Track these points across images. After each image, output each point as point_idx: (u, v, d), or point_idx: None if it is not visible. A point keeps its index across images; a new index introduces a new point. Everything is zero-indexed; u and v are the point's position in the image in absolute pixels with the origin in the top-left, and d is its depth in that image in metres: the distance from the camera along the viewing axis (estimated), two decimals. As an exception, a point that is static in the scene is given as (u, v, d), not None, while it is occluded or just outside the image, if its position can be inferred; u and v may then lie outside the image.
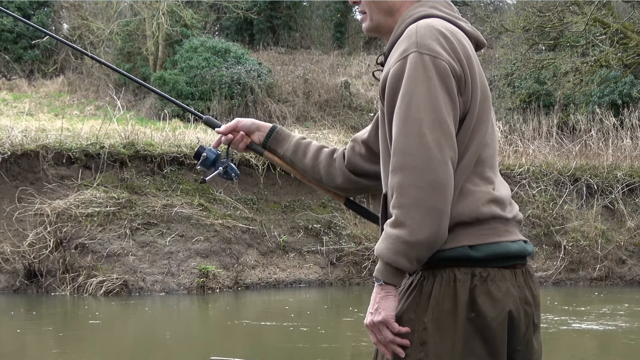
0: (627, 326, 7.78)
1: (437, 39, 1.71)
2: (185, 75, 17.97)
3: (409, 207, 1.65)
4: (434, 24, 1.75)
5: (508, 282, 1.75)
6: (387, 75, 1.76)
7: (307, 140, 2.13)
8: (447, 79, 1.69)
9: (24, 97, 18.65)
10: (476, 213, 1.73)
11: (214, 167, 2.16)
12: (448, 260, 1.72)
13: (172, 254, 9.66)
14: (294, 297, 9.80)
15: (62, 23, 23.29)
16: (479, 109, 1.77)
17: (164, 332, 7.67)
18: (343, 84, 19.52)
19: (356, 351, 6.83)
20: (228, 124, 2.14)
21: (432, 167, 1.64)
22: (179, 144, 10.63)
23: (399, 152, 1.68)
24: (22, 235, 9.35)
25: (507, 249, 1.76)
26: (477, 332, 1.71)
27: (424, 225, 1.65)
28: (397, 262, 1.68)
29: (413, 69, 1.69)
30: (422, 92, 1.67)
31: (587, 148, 13.08)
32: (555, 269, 10.85)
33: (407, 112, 1.68)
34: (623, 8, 17.80)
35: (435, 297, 1.72)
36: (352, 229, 10.58)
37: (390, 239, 1.68)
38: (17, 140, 9.91)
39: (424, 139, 1.65)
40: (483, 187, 1.76)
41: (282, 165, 2.14)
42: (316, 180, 2.10)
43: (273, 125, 2.14)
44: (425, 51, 1.69)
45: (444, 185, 1.65)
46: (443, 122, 1.67)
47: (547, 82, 16.97)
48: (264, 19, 23.05)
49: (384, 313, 1.72)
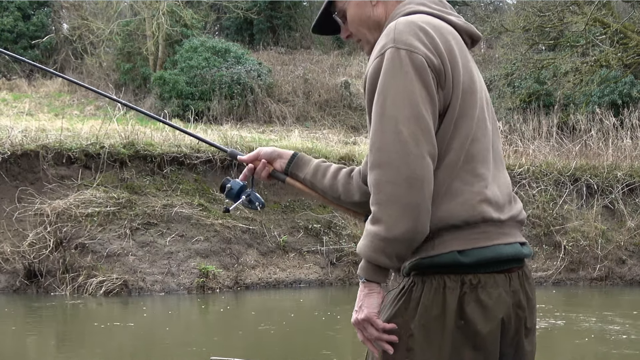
0: (627, 326, 7.78)
1: (415, 33, 1.70)
2: (185, 75, 17.97)
3: (386, 203, 1.64)
4: (414, 19, 1.74)
5: (500, 288, 1.72)
6: (366, 73, 1.75)
7: (326, 163, 2.13)
8: (424, 73, 1.67)
9: (24, 97, 18.66)
10: (465, 215, 1.69)
11: (239, 198, 2.18)
12: (437, 266, 1.70)
13: (172, 254, 9.66)
14: (294, 297, 9.80)
15: (62, 23, 23.31)
16: (462, 103, 1.73)
17: (164, 332, 7.67)
18: (343, 84, 19.53)
19: (356, 351, 6.83)
20: (250, 153, 2.16)
21: (409, 162, 1.62)
22: (179, 144, 10.63)
23: (375, 149, 1.67)
24: (22, 235, 9.34)
25: (499, 252, 1.72)
26: (467, 340, 1.69)
27: (400, 222, 1.63)
28: (376, 260, 1.67)
29: (390, 64, 1.67)
30: (398, 88, 1.66)
31: (587, 148, 13.08)
32: (555, 269, 10.84)
33: (383, 108, 1.66)
34: (623, 8, 17.80)
35: (423, 304, 1.70)
36: (352, 229, 10.58)
37: (369, 236, 1.67)
38: (17, 140, 9.91)
39: (400, 135, 1.63)
40: (475, 185, 1.72)
41: (303, 190, 2.13)
42: (335, 198, 2.08)
43: (294, 152, 2.15)
44: (402, 46, 1.68)
45: (421, 181, 1.63)
46: (420, 117, 1.65)
47: (547, 82, 16.97)
48: (264, 19, 23.06)
49: (366, 310, 1.73)
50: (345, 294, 9.99)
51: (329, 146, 12.67)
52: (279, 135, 14.92)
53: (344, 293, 10.03)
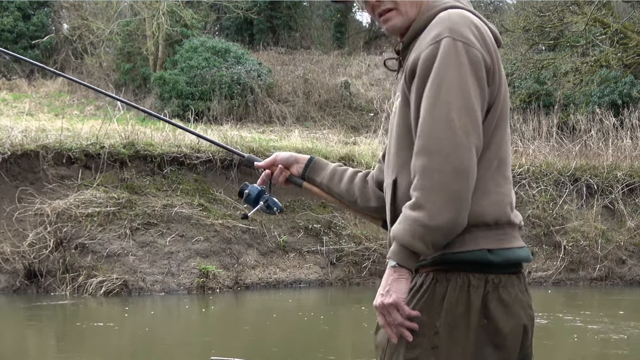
0: (627, 326, 7.78)
1: (470, 28, 1.71)
2: (185, 75, 17.96)
3: (431, 190, 1.63)
4: (466, 14, 1.75)
5: (516, 288, 1.76)
6: (417, 59, 1.73)
7: (343, 167, 2.13)
8: (479, 67, 1.69)
9: (24, 97, 18.66)
10: (496, 215, 1.72)
11: (257, 203, 2.19)
12: (466, 263, 1.71)
13: (172, 254, 9.66)
14: (294, 297, 9.80)
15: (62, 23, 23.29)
16: (503, 104, 1.77)
17: (164, 332, 7.67)
18: (343, 84, 19.52)
19: (356, 351, 6.83)
20: (267, 159, 2.18)
21: (458, 152, 1.63)
22: (179, 144, 10.63)
23: (425, 135, 1.66)
24: (22, 235, 9.34)
25: (519, 255, 1.77)
26: (488, 339, 1.70)
27: (444, 210, 1.63)
28: (413, 245, 1.66)
29: (445, 54, 1.68)
30: (453, 77, 1.66)
31: (587, 148, 13.08)
32: (555, 269, 10.84)
33: (437, 95, 1.66)
34: (623, 8, 17.79)
35: (448, 301, 1.70)
36: (352, 229, 10.57)
37: (408, 221, 1.66)
38: (17, 140, 9.91)
39: (451, 123, 1.64)
40: (504, 187, 1.76)
41: (320, 194, 2.14)
42: (352, 203, 2.09)
43: (310, 157, 2.16)
44: (459, 38, 1.69)
45: (467, 172, 1.63)
46: (471, 109, 1.66)
47: (547, 82, 16.97)
48: (264, 19, 23.05)
49: (395, 295, 1.69)
50: (345, 294, 9.99)
51: (329, 146, 12.67)
52: (279, 135, 14.91)
53: (344, 293, 10.04)
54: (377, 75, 21.05)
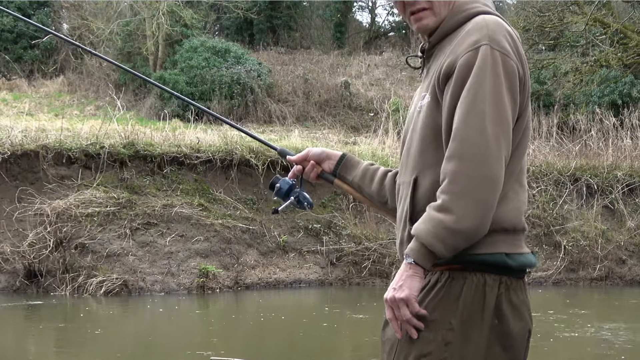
0: (627, 327, 7.78)
1: (506, 38, 1.74)
2: (185, 75, 17.97)
3: (459, 195, 1.66)
4: (501, 22, 1.77)
5: (523, 292, 1.80)
6: (453, 63, 1.74)
7: (375, 166, 2.14)
8: (514, 79, 1.72)
9: (24, 97, 18.66)
10: (515, 222, 1.77)
11: (288, 197, 2.18)
12: (483, 264, 1.74)
13: (172, 254, 9.66)
14: (294, 297, 9.80)
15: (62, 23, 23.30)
16: (528, 115, 1.81)
17: (164, 332, 7.67)
18: (343, 84, 19.53)
19: (356, 351, 6.84)
20: (299, 153, 2.17)
21: (489, 161, 1.66)
22: (179, 144, 10.63)
23: (458, 140, 1.69)
24: (22, 235, 9.34)
25: (530, 260, 1.81)
26: (498, 339, 1.73)
27: (470, 216, 1.66)
28: (434, 246, 1.69)
29: (483, 62, 1.70)
30: (489, 87, 1.69)
31: (587, 148, 13.08)
32: (555, 269, 10.84)
33: (473, 103, 1.68)
34: (623, 8, 17.79)
35: (464, 299, 1.72)
36: (352, 229, 10.57)
37: (433, 222, 1.69)
38: (17, 140, 9.91)
39: (485, 131, 1.67)
40: (522, 195, 1.80)
41: (351, 192, 2.15)
42: (382, 204, 2.10)
43: (343, 153, 2.16)
44: (497, 47, 1.71)
45: (496, 181, 1.67)
46: (504, 120, 1.69)
47: (547, 82, 16.98)
48: (264, 19, 23.05)
49: (407, 291, 1.72)
50: (346, 294, 9.99)
51: (329, 146, 12.67)
52: (279, 135, 14.91)
53: (344, 293, 10.03)
54: (377, 75, 21.05)
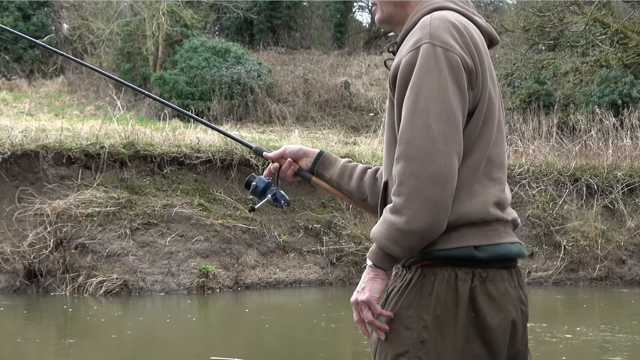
0: (627, 327, 7.78)
1: (451, 32, 1.72)
2: (185, 75, 17.97)
3: (408, 196, 1.66)
4: (448, 16, 1.75)
5: (506, 283, 1.76)
6: (398, 64, 1.75)
7: (353, 163, 2.12)
8: (459, 72, 1.69)
9: (24, 97, 18.65)
10: (482, 215, 1.74)
11: (264, 195, 2.17)
12: (452, 258, 1.73)
13: (172, 254, 9.66)
14: (294, 297, 9.80)
15: (62, 23, 23.30)
16: (488, 105, 1.77)
17: (164, 332, 7.67)
18: (343, 84, 19.53)
19: (356, 351, 6.84)
20: (276, 151, 2.16)
21: (435, 158, 1.65)
22: (179, 144, 10.63)
23: (404, 142, 1.69)
24: (22, 235, 9.35)
25: (509, 250, 1.78)
26: (476, 332, 1.71)
27: (419, 216, 1.65)
28: (388, 248, 1.70)
29: (425, 60, 1.69)
30: (432, 84, 1.67)
31: (587, 148, 13.08)
32: (555, 269, 10.84)
33: (415, 102, 1.68)
34: (623, 8, 17.80)
35: (436, 295, 1.71)
36: (352, 229, 10.58)
37: (386, 224, 1.70)
38: (17, 140, 9.91)
39: (429, 130, 1.66)
40: (491, 188, 1.77)
41: (329, 190, 2.13)
42: (362, 201, 2.09)
43: (320, 151, 2.15)
44: (438, 43, 1.69)
45: (445, 178, 1.65)
46: (451, 115, 1.67)
47: (547, 82, 16.97)
48: (264, 19, 23.05)
49: (368, 294, 1.75)
50: (346, 294, 9.98)
51: (329, 146, 12.67)
52: (279, 135, 14.91)
53: (344, 293, 10.03)
54: (377, 75, 21.05)
